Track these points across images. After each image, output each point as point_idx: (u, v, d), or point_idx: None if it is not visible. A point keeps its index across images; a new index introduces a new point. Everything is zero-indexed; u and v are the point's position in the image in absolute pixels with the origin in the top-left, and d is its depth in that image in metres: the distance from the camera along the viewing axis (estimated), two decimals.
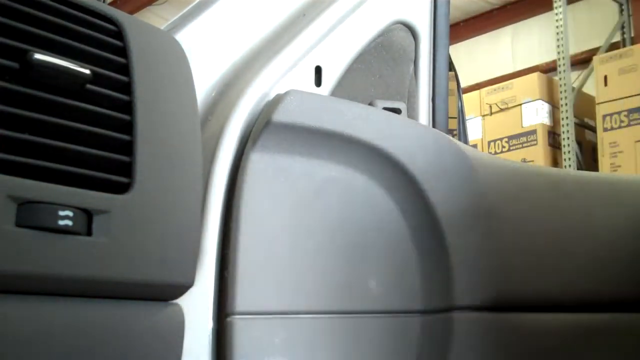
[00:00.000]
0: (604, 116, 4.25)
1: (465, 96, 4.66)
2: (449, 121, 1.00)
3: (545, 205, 0.87)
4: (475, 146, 4.47)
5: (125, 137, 0.55)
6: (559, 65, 4.58)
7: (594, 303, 0.86)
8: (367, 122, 0.76)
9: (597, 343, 0.85)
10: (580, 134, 4.61)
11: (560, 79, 4.54)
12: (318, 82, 0.84)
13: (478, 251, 0.78)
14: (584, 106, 4.62)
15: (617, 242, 0.90)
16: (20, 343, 0.47)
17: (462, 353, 0.75)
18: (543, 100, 4.51)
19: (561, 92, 4.51)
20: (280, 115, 0.71)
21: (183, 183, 0.59)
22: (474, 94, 4.88)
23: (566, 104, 4.46)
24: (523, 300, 0.81)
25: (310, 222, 0.72)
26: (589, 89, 4.76)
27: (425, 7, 0.97)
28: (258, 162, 0.71)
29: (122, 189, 0.54)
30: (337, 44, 0.87)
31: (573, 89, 4.67)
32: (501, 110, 4.67)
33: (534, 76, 4.67)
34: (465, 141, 1.20)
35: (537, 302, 0.82)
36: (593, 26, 5.51)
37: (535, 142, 4.48)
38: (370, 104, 0.87)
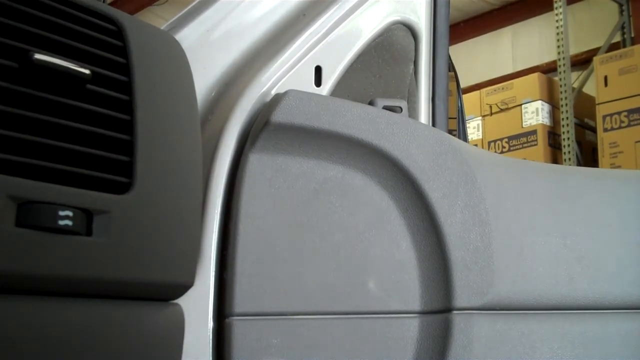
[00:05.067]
0: (604, 116, 4.26)
1: (465, 96, 4.66)
2: (449, 121, 1.00)
3: (547, 204, 0.87)
4: (475, 146, 4.47)
5: (125, 137, 0.55)
6: (559, 66, 4.58)
7: (597, 303, 0.86)
8: (366, 122, 0.76)
9: (600, 344, 0.85)
10: (580, 134, 4.61)
11: (560, 79, 4.54)
12: (318, 82, 0.84)
13: (477, 251, 0.78)
14: (584, 106, 4.62)
15: (621, 241, 0.90)
16: (21, 343, 0.47)
17: (461, 354, 0.75)
18: (543, 100, 4.52)
19: (561, 93, 4.51)
20: (279, 116, 0.71)
21: (183, 183, 0.59)
22: (474, 94, 4.88)
23: (566, 104, 4.47)
24: (523, 300, 0.81)
25: (309, 223, 0.72)
26: (589, 89, 4.77)
27: (425, 7, 0.97)
28: (257, 162, 0.71)
29: (122, 189, 0.54)
30: (337, 44, 0.87)
31: (573, 89, 4.67)
32: (501, 110, 4.67)
33: (534, 76, 4.68)
34: (465, 141, 1.20)
35: (538, 302, 0.82)
36: (593, 26, 5.51)
37: (535, 142, 4.48)
38: (371, 102, 0.87)
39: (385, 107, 0.87)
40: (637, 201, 0.93)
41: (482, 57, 6.26)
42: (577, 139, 4.50)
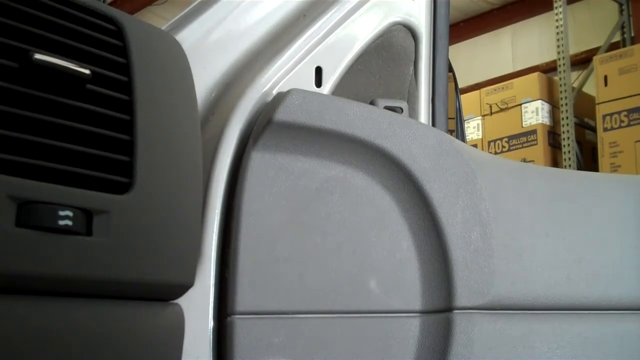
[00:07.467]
0: (604, 116, 4.25)
1: (465, 96, 4.67)
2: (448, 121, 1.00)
3: (546, 206, 0.87)
4: (475, 146, 4.47)
5: (125, 137, 0.55)
6: (559, 65, 4.58)
7: (595, 304, 0.86)
8: (368, 122, 0.76)
9: (598, 345, 0.85)
10: (580, 134, 4.61)
11: (560, 79, 4.54)
12: (318, 83, 0.84)
13: (478, 251, 0.78)
14: (584, 106, 4.62)
15: (619, 243, 0.90)
16: (20, 343, 0.47)
17: (462, 353, 0.75)
18: (543, 100, 4.51)
19: (561, 92, 4.51)
20: (282, 115, 0.71)
21: (183, 183, 0.59)
22: (474, 94, 4.88)
23: (566, 104, 4.46)
24: (523, 300, 0.81)
25: (311, 222, 0.73)
26: (589, 89, 4.77)
27: (425, 8, 0.97)
28: (259, 161, 0.71)
29: (122, 189, 0.54)
30: (338, 44, 0.87)
31: (573, 89, 4.67)
32: (501, 110, 4.67)
33: (534, 76, 4.67)
34: (463, 141, 1.20)
35: (537, 302, 0.82)
36: (593, 26, 5.51)
37: (535, 142, 4.48)
38: (372, 102, 0.88)
39: (386, 108, 0.87)
40: (635, 205, 0.93)
41: (481, 57, 6.26)
42: (577, 139, 4.50)
